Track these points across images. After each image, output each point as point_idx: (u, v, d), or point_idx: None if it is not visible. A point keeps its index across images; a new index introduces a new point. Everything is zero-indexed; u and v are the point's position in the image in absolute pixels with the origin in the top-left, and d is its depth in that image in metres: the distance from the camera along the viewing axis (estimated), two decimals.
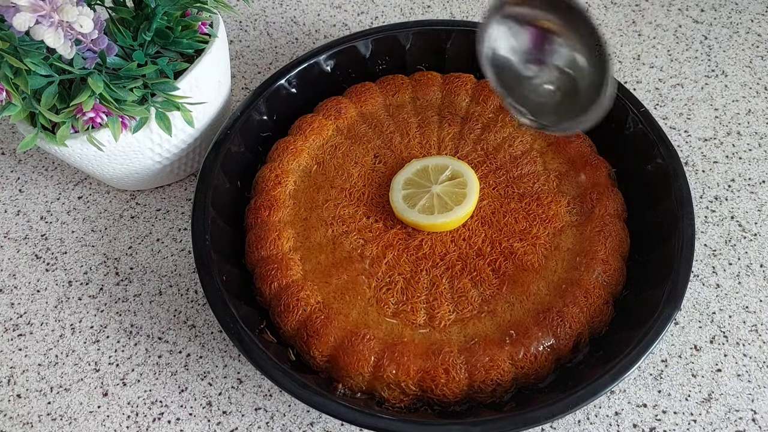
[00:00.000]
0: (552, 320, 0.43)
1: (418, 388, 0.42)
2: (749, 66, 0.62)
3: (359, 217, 0.49)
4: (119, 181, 0.53)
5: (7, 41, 0.38)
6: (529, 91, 0.45)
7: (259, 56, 0.66)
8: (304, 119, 0.55)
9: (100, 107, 0.42)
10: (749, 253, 0.51)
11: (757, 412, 0.44)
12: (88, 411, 0.46)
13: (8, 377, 0.47)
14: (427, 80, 0.56)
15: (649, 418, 0.44)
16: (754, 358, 0.46)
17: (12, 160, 0.59)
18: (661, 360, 0.46)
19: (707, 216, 0.53)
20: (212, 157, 0.49)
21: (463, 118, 0.54)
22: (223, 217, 0.49)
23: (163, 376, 0.47)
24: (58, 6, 0.36)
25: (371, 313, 0.44)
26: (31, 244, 0.54)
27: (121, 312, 0.50)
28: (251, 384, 0.46)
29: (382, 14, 0.69)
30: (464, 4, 0.69)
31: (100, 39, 0.40)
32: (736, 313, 0.48)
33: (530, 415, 0.38)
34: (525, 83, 0.45)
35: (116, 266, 0.52)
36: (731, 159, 0.56)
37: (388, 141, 0.53)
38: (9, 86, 0.40)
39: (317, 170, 0.52)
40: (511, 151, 0.51)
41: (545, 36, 0.45)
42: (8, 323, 0.50)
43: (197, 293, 0.51)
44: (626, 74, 0.62)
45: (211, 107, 0.51)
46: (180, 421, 0.45)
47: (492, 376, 0.41)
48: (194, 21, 0.48)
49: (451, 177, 0.48)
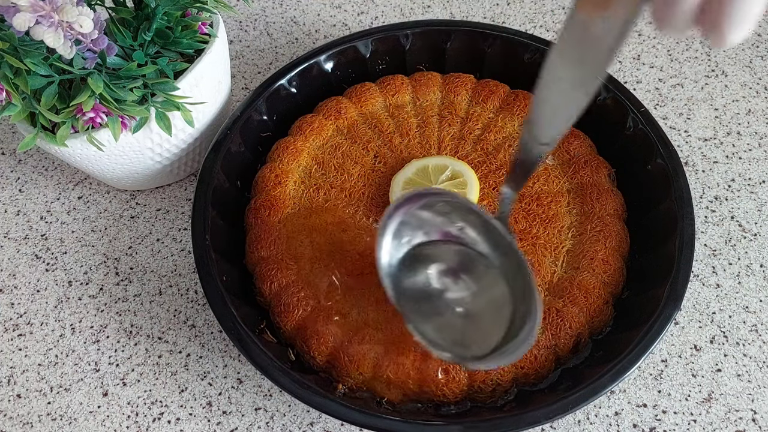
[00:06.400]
0: (552, 320, 0.43)
1: (418, 388, 0.42)
2: (749, 66, 0.62)
3: (359, 217, 0.49)
4: (119, 181, 0.53)
5: (7, 41, 0.38)
6: (437, 311, 0.41)
7: (259, 56, 0.66)
8: (304, 119, 0.55)
9: (100, 107, 0.42)
10: (749, 253, 0.51)
11: (757, 412, 0.44)
12: (88, 411, 0.46)
13: (8, 377, 0.47)
14: (427, 80, 0.56)
15: (649, 418, 0.44)
16: (754, 358, 0.46)
17: (12, 160, 0.59)
18: (661, 360, 0.46)
19: (707, 216, 0.53)
20: (212, 157, 0.49)
21: (463, 118, 0.54)
22: (223, 217, 0.49)
23: (163, 376, 0.47)
24: (58, 6, 0.36)
25: (371, 313, 0.44)
26: (31, 244, 0.54)
27: (121, 312, 0.50)
28: (251, 384, 0.46)
29: (382, 14, 0.69)
30: (464, 4, 0.69)
31: (100, 39, 0.40)
32: (736, 313, 0.48)
33: (530, 415, 0.38)
34: (434, 301, 0.41)
35: (116, 266, 0.52)
36: (731, 159, 0.56)
37: (388, 141, 0.53)
38: (9, 86, 0.40)
39: (317, 170, 0.52)
40: (511, 151, 0.51)
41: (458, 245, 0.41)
42: (8, 323, 0.50)
43: (197, 293, 0.51)
44: (626, 74, 0.62)
45: (211, 107, 0.51)
46: (180, 421, 0.45)
47: (492, 376, 0.41)
48: (194, 21, 0.48)
49: (451, 177, 0.48)
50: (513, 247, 0.39)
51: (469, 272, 0.42)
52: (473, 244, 0.41)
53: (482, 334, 0.40)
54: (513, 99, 0.54)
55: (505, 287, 0.40)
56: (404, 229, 0.41)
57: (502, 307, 0.40)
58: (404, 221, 0.41)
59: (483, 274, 0.41)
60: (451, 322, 0.41)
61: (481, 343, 0.39)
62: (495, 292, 0.40)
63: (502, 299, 0.40)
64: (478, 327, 0.41)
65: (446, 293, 0.42)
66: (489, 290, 0.41)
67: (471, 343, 0.40)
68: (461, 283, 0.42)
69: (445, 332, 0.40)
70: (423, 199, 0.40)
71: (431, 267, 0.42)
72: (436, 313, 0.41)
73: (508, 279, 0.40)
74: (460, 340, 0.40)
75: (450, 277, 0.42)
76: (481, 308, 0.41)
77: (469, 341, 0.40)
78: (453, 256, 0.42)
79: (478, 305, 0.41)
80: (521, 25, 0.67)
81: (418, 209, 0.41)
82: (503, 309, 0.40)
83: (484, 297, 0.41)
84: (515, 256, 0.39)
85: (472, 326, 0.41)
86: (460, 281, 0.42)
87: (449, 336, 0.40)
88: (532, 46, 0.55)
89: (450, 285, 0.42)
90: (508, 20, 0.67)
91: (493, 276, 0.41)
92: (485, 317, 0.41)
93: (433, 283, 0.42)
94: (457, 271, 0.42)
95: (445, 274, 0.42)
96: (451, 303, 0.41)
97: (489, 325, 0.40)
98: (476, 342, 0.40)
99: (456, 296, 0.42)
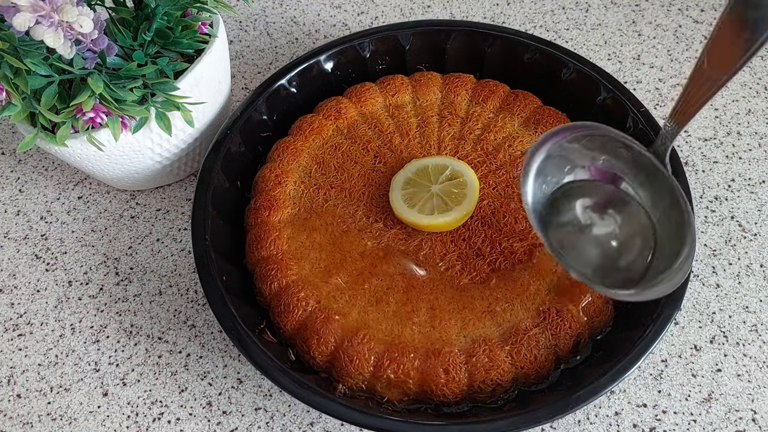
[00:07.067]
0: (552, 320, 0.43)
1: (418, 388, 0.42)
2: (749, 66, 0.62)
3: (359, 217, 0.49)
4: (119, 181, 0.53)
5: (7, 41, 0.38)
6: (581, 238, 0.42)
7: (259, 56, 0.66)
8: (304, 119, 0.55)
9: (100, 107, 0.42)
10: (749, 253, 0.51)
11: (757, 412, 0.44)
12: (88, 411, 0.46)
13: (8, 377, 0.47)
14: (427, 80, 0.56)
15: (649, 418, 0.44)
16: (754, 358, 0.46)
17: (12, 160, 0.59)
18: (661, 360, 0.46)
19: (707, 216, 0.53)
20: (212, 157, 0.49)
21: (463, 118, 0.54)
22: (223, 217, 0.49)
23: (163, 376, 0.47)
24: (58, 6, 0.36)
25: (371, 313, 0.44)
26: (31, 244, 0.54)
27: (121, 312, 0.50)
28: (251, 384, 0.46)
29: (382, 14, 0.69)
30: (464, 4, 0.69)
31: (100, 39, 0.40)
32: (736, 313, 0.48)
33: (530, 415, 0.38)
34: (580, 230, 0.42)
35: (116, 266, 0.52)
36: (731, 159, 0.56)
37: (388, 141, 0.53)
38: (9, 86, 0.40)
39: (317, 170, 0.52)
40: (511, 151, 0.51)
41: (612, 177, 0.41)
42: (8, 323, 0.50)
43: (197, 293, 0.51)
44: (626, 74, 0.62)
45: (211, 107, 0.51)
46: (180, 421, 0.45)
47: (492, 376, 0.41)
48: (194, 21, 0.48)
49: (451, 177, 0.48)
50: (668, 180, 0.39)
51: (617, 208, 0.42)
52: (622, 178, 0.42)
53: (628, 265, 0.41)
54: (513, 99, 0.54)
55: (649, 222, 0.41)
56: (548, 165, 0.42)
57: (648, 240, 0.41)
58: (550, 155, 0.41)
59: (631, 212, 0.42)
60: (597, 253, 0.42)
61: (627, 274, 0.40)
62: (641, 229, 0.41)
63: (648, 233, 0.41)
64: (625, 259, 0.42)
65: (593, 227, 0.43)
66: (635, 226, 0.42)
67: (617, 274, 0.41)
68: (608, 218, 0.42)
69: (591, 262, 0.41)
70: (569, 133, 0.41)
71: (578, 203, 0.43)
72: (583, 243, 0.42)
73: (657, 212, 0.40)
74: (609, 272, 0.41)
75: (597, 212, 0.43)
76: (628, 242, 0.42)
77: (615, 272, 0.41)
78: (600, 193, 0.43)
79: (625, 238, 0.42)
80: (521, 25, 0.67)
81: (566, 142, 0.41)
82: (649, 242, 0.40)
83: (631, 232, 0.42)
84: (669, 190, 0.39)
85: (620, 258, 0.42)
86: (607, 216, 0.42)
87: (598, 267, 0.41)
88: (532, 46, 0.55)
89: (596, 219, 0.43)
90: (508, 20, 0.67)
91: (640, 212, 0.41)
92: (632, 250, 0.42)
93: (580, 217, 0.43)
94: (604, 206, 0.43)
95: (592, 209, 0.43)
96: (598, 238, 0.43)
97: (636, 257, 0.41)
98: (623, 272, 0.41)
99: (602, 231, 0.43)
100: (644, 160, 0.40)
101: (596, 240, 0.43)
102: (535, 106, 0.54)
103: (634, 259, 0.41)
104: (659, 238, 0.40)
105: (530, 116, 0.53)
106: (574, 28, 0.66)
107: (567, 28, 0.66)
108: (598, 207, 0.43)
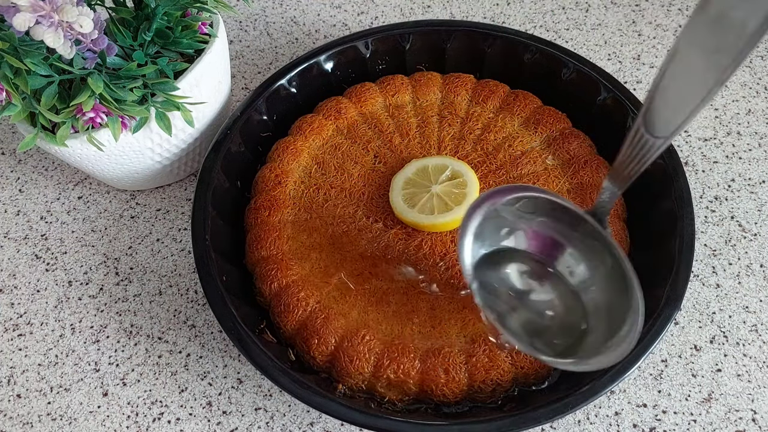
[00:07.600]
0: None
1: (418, 388, 0.42)
2: (749, 66, 0.62)
3: (359, 217, 0.49)
4: (119, 181, 0.53)
5: (7, 41, 0.38)
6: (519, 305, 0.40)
7: (259, 56, 0.66)
8: (304, 119, 0.55)
9: (100, 107, 0.42)
10: (749, 253, 0.51)
11: (757, 412, 0.44)
12: (88, 411, 0.46)
13: (8, 377, 0.47)
14: (427, 80, 0.56)
15: (649, 418, 0.44)
16: (754, 358, 0.46)
17: (12, 160, 0.59)
18: (661, 360, 0.46)
19: (707, 216, 0.53)
20: (212, 157, 0.49)
21: (463, 118, 0.54)
22: (223, 217, 0.49)
23: (163, 376, 0.47)
24: (58, 6, 0.36)
25: (371, 313, 0.44)
26: (31, 244, 0.54)
27: (121, 312, 0.50)
28: (251, 384, 0.46)
29: (382, 14, 0.69)
30: (464, 4, 0.69)
31: (100, 39, 0.40)
32: (736, 313, 0.48)
33: (530, 415, 0.38)
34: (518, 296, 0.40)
35: (116, 266, 0.52)
36: (731, 159, 0.56)
37: (388, 141, 0.53)
38: (9, 86, 0.40)
39: (317, 170, 0.52)
40: (511, 151, 0.51)
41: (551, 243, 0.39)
42: (8, 323, 0.50)
43: (197, 293, 0.51)
44: (626, 74, 0.62)
45: (211, 107, 0.51)
46: (180, 421, 0.45)
47: (492, 376, 0.41)
48: (194, 21, 0.48)
49: (451, 177, 0.48)
50: (610, 246, 0.37)
51: (552, 281, 0.40)
52: (561, 243, 0.39)
53: (568, 332, 0.39)
54: (513, 99, 0.54)
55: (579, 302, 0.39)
56: (486, 228, 0.39)
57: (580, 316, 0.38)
58: (487, 217, 0.39)
59: (562, 290, 0.40)
60: (534, 319, 0.40)
61: (567, 340, 0.38)
62: (574, 304, 0.39)
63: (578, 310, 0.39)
64: (562, 329, 0.39)
65: (530, 294, 0.41)
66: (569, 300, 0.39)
67: (555, 340, 0.39)
68: (545, 286, 0.40)
69: (528, 326, 0.39)
70: (506, 195, 0.38)
71: (514, 268, 0.41)
72: (519, 308, 0.40)
73: (595, 281, 0.39)
74: (547, 338, 0.39)
75: (534, 279, 0.41)
76: (563, 313, 0.40)
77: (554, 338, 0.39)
78: (534, 265, 0.41)
79: (561, 310, 0.40)
80: (521, 25, 0.67)
81: (503, 205, 0.39)
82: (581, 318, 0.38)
83: (566, 305, 0.40)
84: (610, 253, 0.37)
85: (558, 327, 0.40)
86: (544, 284, 0.40)
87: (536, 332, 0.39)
88: (532, 46, 0.55)
89: (535, 286, 0.41)
90: (508, 20, 0.67)
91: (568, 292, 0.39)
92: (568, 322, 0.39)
93: (516, 284, 0.40)
94: (540, 276, 0.41)
95: (529, 275, 0.41)
96: (536, 304, 0.40)
97: (571, 329, 0.39)
98: (560, 338, 0.39)
99: (540, 298, 0.41)
100: (584, 224, 0.38)
101: (534, 307, 0.41)
102: (535, 106, 0.54)
103: (570, 331, 0.39)
104: (598, 306, 0.38)
105: (530, 116, 0.53)
106: (574, 28, 0.66)
107: (567, 28, 0.66)
108: (535, 274, 0.41)
